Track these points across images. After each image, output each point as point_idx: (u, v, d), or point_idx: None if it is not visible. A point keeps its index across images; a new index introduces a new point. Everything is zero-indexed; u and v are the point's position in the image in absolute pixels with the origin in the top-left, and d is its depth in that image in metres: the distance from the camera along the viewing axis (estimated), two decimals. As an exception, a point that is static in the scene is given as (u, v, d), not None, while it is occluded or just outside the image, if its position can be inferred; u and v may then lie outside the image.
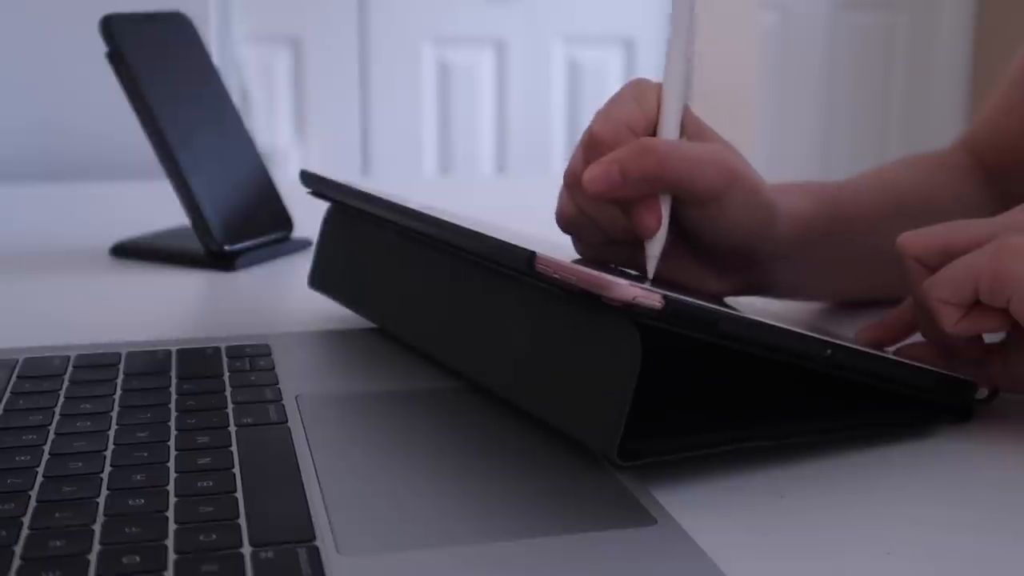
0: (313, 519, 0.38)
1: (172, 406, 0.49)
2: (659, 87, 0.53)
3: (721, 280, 0.57)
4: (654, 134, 0.52)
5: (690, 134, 0.53)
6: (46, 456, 0.44)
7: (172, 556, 0.36)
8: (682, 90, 0.53)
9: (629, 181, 0.50)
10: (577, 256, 0.56)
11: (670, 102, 0.52)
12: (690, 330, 0.41)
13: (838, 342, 0.45)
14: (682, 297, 0.40)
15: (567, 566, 0.36)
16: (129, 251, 0.82)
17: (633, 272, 0.54)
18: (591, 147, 0.52)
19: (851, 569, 0.37)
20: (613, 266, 0.54)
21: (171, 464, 0.43)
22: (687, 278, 0.56)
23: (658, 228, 0.51)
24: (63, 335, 0.61)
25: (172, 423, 0.47)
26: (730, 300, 0.58)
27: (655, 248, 0.52)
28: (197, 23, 0.85)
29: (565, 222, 0.55)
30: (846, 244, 0.62)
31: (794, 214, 0.57)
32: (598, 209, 0.53)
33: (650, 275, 0.52)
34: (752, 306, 0.58)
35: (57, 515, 0.38)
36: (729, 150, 0.53)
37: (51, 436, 0.46)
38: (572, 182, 0.53)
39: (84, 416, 0.48)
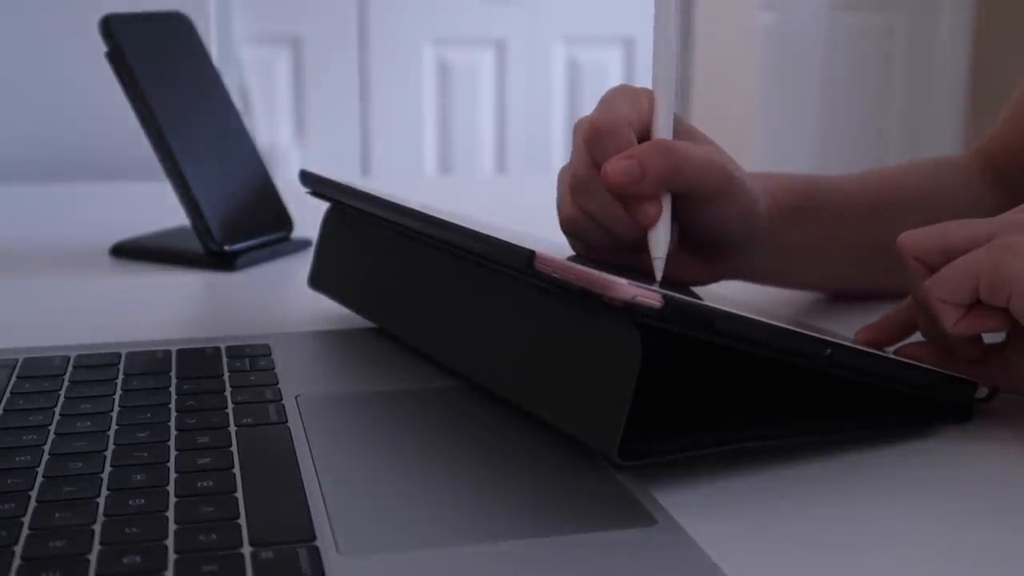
0: (313, 519, 0.38)
1: (172, 406, 0.49)
2: (649, 91, 0.54)
3: (706, 268, 0.60)
4: (647, 136, 0.53)
5: (681, 136, 0.54)
6: (46, 456, 0.44)
7: (172, 556, 0.36)
8: (672, 92, 0.54)
9: (648, 178, 0.51)
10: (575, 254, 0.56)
11: (662, 104, 0.53)
12: (690, 329, 0.41)
13: (838, 341, 0.45)
14: (682, 296, 0.40)
15: (567, 566, 0.36)
16: (129, 251, 0.82)
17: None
18: (593, 138, 0.52)
19: (851, 569, 0.37)
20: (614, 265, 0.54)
21: (171, 464, 0.43)
22: (674, 267, 0.58)
23: (658, 216, 0.52)
24: (63, 335, 0.61)
25: (172, 423, 0.47)
26: (731, 300, 0.58)
27: (660, 250, 0.52)
28: (197, 23, 0.85)
29: (568, 224, 0.56)
30: (818, 230, 0.63)
31: (769, 198, 0.60)
32: (603, 209, 0.53)
33: (658, 277, 0.52)
34: (755, 307, 0.58)
35: (57, 515, 0.38)
36: (722, 152, 0.55)
37: (51, 436, 0.46)
38: (576, 185, 0.54)
39: (84, 416, 0.48)
